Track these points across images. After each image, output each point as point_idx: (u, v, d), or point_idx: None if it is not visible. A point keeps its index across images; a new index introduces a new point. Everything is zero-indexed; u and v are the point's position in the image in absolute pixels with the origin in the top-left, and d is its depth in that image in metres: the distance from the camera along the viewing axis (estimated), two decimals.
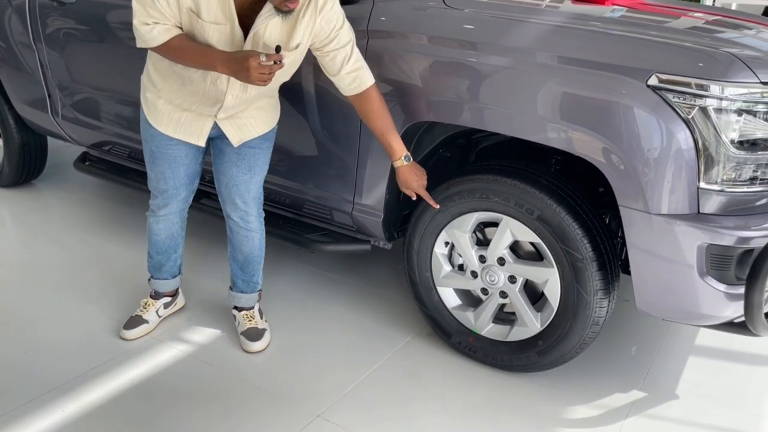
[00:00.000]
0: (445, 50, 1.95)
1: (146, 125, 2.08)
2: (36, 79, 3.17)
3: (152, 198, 2.23)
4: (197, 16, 1.76)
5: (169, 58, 1.85)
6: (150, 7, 1.74)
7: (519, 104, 1.84)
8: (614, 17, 2.02)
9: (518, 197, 1.93)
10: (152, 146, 2.09)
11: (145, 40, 1.81)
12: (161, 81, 1.98)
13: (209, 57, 1.76)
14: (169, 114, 2.02)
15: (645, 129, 1.68)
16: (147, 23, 1.76)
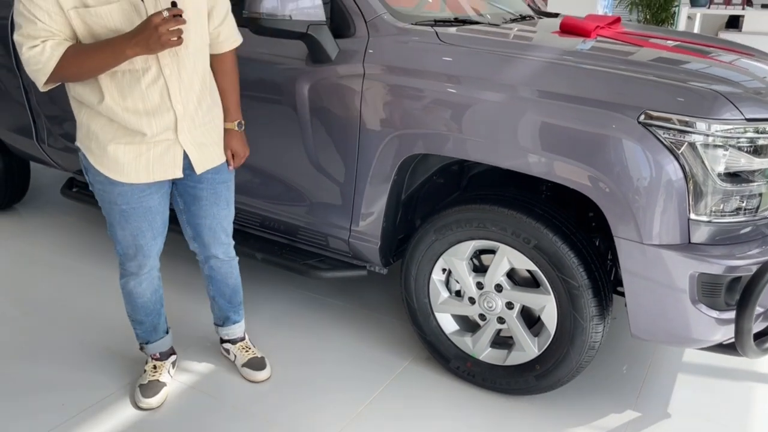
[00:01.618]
0: (438, 84, 2.01)
1: (108, 186, 1.84)
2: (20, 104, 3.13)
3: (127, 260, 2.02)
4: (85, 7, 1.61)
5: (73, 73, 1.66)
6: (32, 29, 1.60)
7: (512, 137, 1.90)
8: (603, 53, 2.10)
9: (515, 227, 1.99)
10: (122, 206, 1.88)
11: (42, 64, 1.62)
12: (97, 119, 1.77)
13: (113, 46, 1.61)
14: (133, 158, 1.80)
15: (637, 163, 1.75)
16: (35, 45, 1.61)
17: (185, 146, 1.87)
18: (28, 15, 1.60)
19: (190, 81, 1.81)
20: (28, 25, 1.60)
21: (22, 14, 1.61)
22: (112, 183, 1.84)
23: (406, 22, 2.20)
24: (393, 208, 2.26)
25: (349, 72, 2.15)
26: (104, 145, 1.79)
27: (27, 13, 1.60)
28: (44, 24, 1.60)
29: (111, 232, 1.98)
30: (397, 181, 2.19)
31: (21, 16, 1.62)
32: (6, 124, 3.27)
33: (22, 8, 1.60)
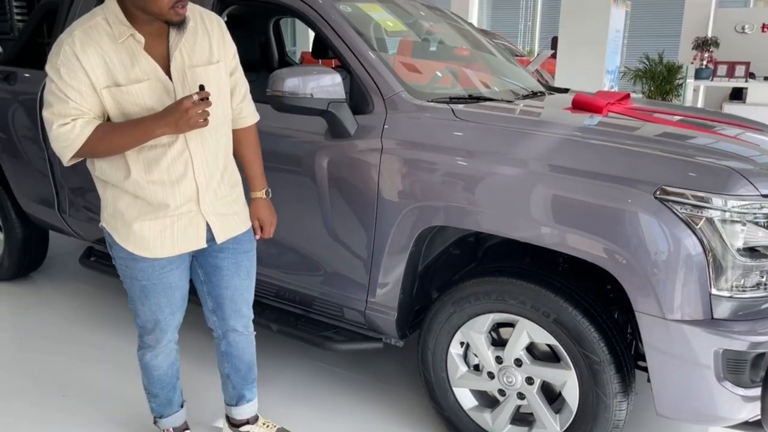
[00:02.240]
0: (454, 159, 2.06)
1: (130, 261, 1.87)
2: (44, 175, 3.21)
3: (146, 333, 2.03)
4: (117, 86, 1.67)
5: (100, 150, 1.71)
6: (63, 107, 1.65)
7: (529, 211, 1.93)
8: (616, 129, 2.15)
9: (534, 300, 1.98)
10: (143, 282, 1.89)
11: (71, 141, 1.66)
12: (122, 198, 1.81)
13: (143, 125, 1.67)
14: (158, 233, 1.83)
15: (655, 237, 1.77)
16: (66, 123, 1.65)
17: (207, 217, 1.89)
18: (59, 94, 1.65)
19: (213, 154, 1.86)
20: (58, 103, 1.65)
21: (53, 93, 1.66)
22: (134, 259, 1.86)
23: (422, 99, 2.28)
24: (410, 280, 2.27)
25: (368, 146, 2.21)
26: (130, 224, 1.81)
27: (58, 92, 1.65)
28: (75, 103, 1.65)
29: (132, 305, 1.99)
30: (414, 252, 2.21)
31: (52, 94, 1.67)
32: (29, 195, 3.34)
33: (54, 87, 1.66)
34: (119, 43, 1.68)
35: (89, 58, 1.64)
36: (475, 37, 3.36)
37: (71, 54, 1.63)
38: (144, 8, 1.65)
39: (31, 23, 3.39)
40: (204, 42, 1.80)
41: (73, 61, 1.63)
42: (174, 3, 1.64)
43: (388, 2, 3.00)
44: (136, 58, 1.69)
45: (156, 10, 1.64)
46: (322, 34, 2.41)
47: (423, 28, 3.19)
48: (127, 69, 1.68)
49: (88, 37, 1.66)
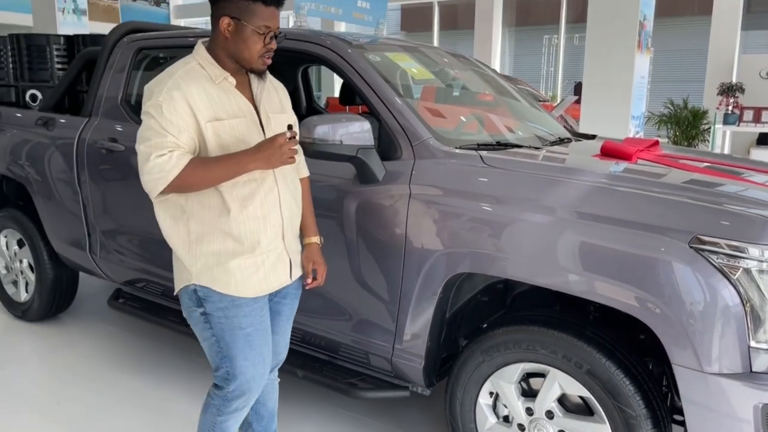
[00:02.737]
0: (482, 205, 2.06)
1: (232, 310, 1.82)
2: (77, 218, 3.28)
3: (238, 396, 1.90)
4: (219, 120, 1.76)
5: (191, 184, 1.73)
6: (161, 141, 1.70)
7: (561, 259, 1.91)
8: (647, 176, 2.14)
9: (566, 350, 1.94)
10: (248, 329, 1.85)
11: (166, 172, 1.69)
12: (216, 240, 1.80)
13: (236, 159, 1.73)
14: (254, 271, 1.84)
15: (690, 287, 1.73)
16: (162, 154, 1.69)
17: (290, 253, 1.95)
18: (158, 128, 1.71)
19: (293, 192, 1.95)
20: (156, 137, 1.70)
21: (151, 128, 1.71)
22: (237, 305, 1.83)
23: (450, 145, 2.30)
24: (437, 327, 2.24)
25: (396, 192, 2.22)
26: (228, 265, 1.81)
27: (158, 126, 1.71)
28: (173, 137, 1.71)
29: (228, 367, 1.87)
30: (442, 299, 2.19)
31: (150, 129, 1.72)
32: (62, 237, 3.40)
33: (153, 123, 1.71)
34: (216, 84, 1.79)
35: (193, 94, 1.74)
36: (499, 83, 3.40)
37: (175, 91, 1.72)
38: (236, 55, 1.79)
39: (71, 72, 3.52)
40: (273, 95, 1.95)
41: (176, 98, 1.71)
42: (263, 53, 1.79)
43: (414, 51, 3.06)
44: (233, 97, 1.81)
45: (247, 57, 1.78)
46: (352, 82, 2.46)
47: (449, 75, 3.24)
48: (225, 105, 1.79)
49: (189, 76, 1.77)
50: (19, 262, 3.71)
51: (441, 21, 15.17)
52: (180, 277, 1.90)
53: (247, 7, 1.74)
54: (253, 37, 1.76)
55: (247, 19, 1.74)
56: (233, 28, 1.76)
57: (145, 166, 1.72)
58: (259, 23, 1.75)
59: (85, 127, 3.19)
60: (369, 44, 2.77)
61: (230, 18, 1.75)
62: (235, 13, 1.75)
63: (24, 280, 3.72)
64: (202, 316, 1.86)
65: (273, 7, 1.77)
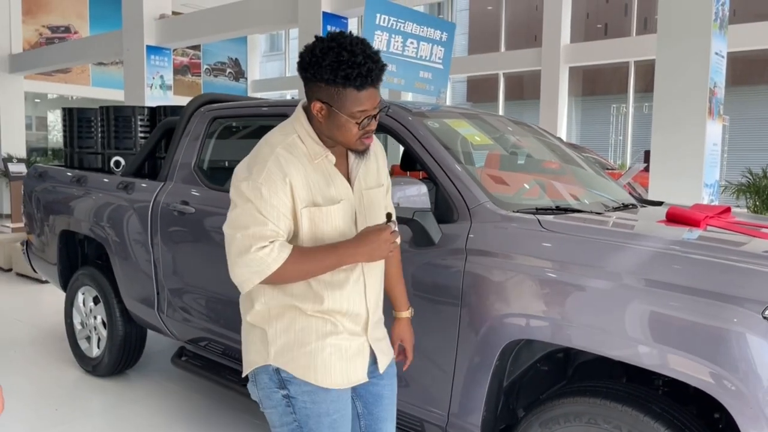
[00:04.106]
0: (540, 270, 2.01)
1: (320, 395, 1.68)
2: (148, 276, 3.43)
3: None
4: (315, 206, 1.62)
5: (291, 276, 1.60)
6: (261, 229, 1.55)
7: (624, 328, 1.82)
8: (716, 243, 2.05)
9: (631, 425, 1.83)
10: (334, 416, 1.69)
11: (266, 265, 1.55)
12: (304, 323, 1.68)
13: (338, 251, 1.60)
14: (338, 359, 1.69)
15: (765, 360, 1.61)
16: (264, 246, 1.55)
17: (372, 343, 1.77)
18: (257, 214, 1.56)
19: (377, 279, 1.80)
20: (256, 225, 1.55)
21: (249, 214, 1.56)
22: (325, 390, 1.68)
23: (508, 209, 2.28)
24: (494, 396, 2.17)
25: (452, 255, 2.22)
26: (312, 347, 1.67)
27: (256, 212, 1.56)
28: (273, 224, 1.56)
29: None
30: (499, 367, 2.12)
31: (248, 215, 1.57)
32: (133, 295, 3.56)
33: (251, 208, 1.56)
34: (315, 163, 1.64)
35: (294, 176, 1.59)
36: (562, 149, 3.38)
37: (277, 171, 1.57)
38: (332, 137, 1.63)
39: (152, 140, 3.77)
40: (373, 165, 1.79)
41: (277, 180, 1.57)
42: (361, 135, 1.62)
43: (474, 118, 3.11)
44: (331, 179, 1.66)
45: (344, 140, 1.63)
46: (411, 147, 2.52)
47: (509, 141, 3.26)
48: (323, 189, 1.64)
49: (291, 155, 1.61)
50: (94, 318, 3.89)
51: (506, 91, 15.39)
52: (254, 356, 1.72)
53: (339, 94, 1.55)
54: (347, 124, 1.58)
55: (339, 106, 1.56)
56: (326, 113, 1.60)
57: (241, 258, 1.56)
58: (354, 109, 1.57)
59: (160, 191, 3.39)
60: (429, 112, 2.84)
61: (321, 103, 1.59)
62: (325, 98, 1.58)
63: (96, 336, 3.89)
64: (284, 399, 1.69)
65: (369, 88, 1.57)
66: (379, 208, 1.79)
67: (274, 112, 3.06)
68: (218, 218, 3.04)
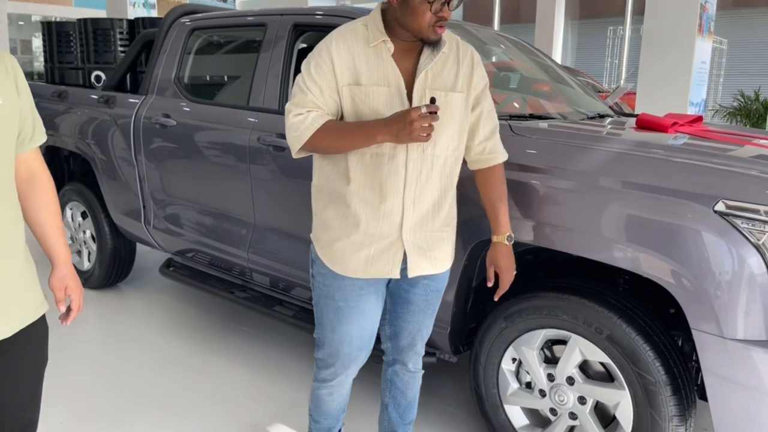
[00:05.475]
0: (509, 173, 2.07)
1: (330, 279, 1.81)
2: (133, 191, 3.49)
3: (324, 368, 1.92)
4: (358, 85, 1.69)
5: (324, 146, 1.70)
6: (302, 99, 1.69)
7: (585, 225, 1.91)
8: (678, 145, 2.10)
9: (587, 316, 1.94)
10: (339, 302, 1.81)
11: (301, 132, 1.67)
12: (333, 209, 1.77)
13: (366, 128, 1.64)
14: (355, 251, 1.76)
15: (715, 253, 1.70)
16: (300, 113, 1.69)
17: (407, 247, 1.76)
18: (302, 86, 1.70)
19: (430, 182, 1.75)
20: (300, 94, 1.70)
21: (298, 85, 1.72)
22: (334, 276, 1.80)
23: None
24: (463, 294, 2.27)
25: None
26: (332, 237, 1.78)
27: (303, 84, 1.70)
28: (313, 96, 1.68)
29: (319, 334, 1.90)
30: (468, 266, 2.22)
31: (297, 86, 1.72)
32: (120, 209, 3.63)
33: (300, 80, 1.72)
34: (371, 47, 1.70)
35: (340, 56, 1.69)
36: (548, 65, 3.37)
37: (325, 52, 1.69)
38: (405, 24, 1.66)
39: (131, 53, 3.73)
40: (452, 69, 1.76)
41: (324, 59, 1.69)
42: (435, 21, 1.63)
43: (460, 29, 3.07)
44: (383, 64, 1.70)
45: (416, 27, 1.64)
46: None
47: (492, 53, 3.24)
48: (371, 71, 1.69)
49: (344, 37, 1.71)
50: (83, 233, 3.97)
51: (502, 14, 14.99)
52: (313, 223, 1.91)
53: None
54: (421, 6, 1.61)
55: None
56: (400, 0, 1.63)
57: (287, 123, 1.72)
58: None
59: (141, 104, 3.39)
60: None
61: None
62: None
63: (87, 250, 3.98)
64: (312, 277, 1.88)
65: None
66: (447, 113, 1.73)
67: (255, 21, 3.03)
68: (201, 131, 3.06)
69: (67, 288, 1.59)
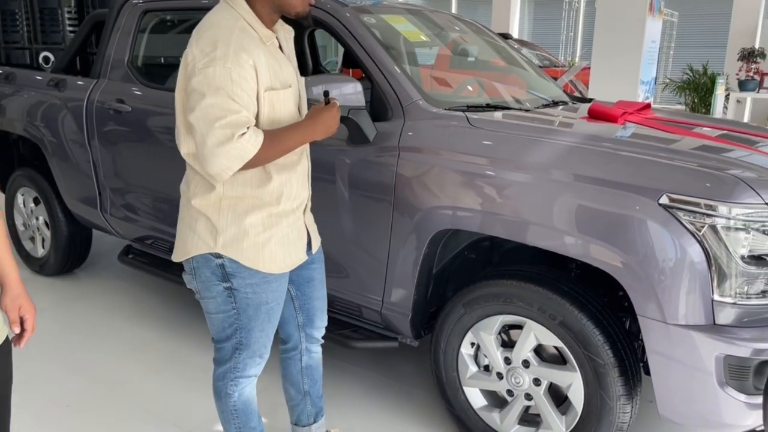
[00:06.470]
0: (465, 165, 2.13)
1: (262, 285, 1.76)
2: (88, 177, 3.42)
3: (254, 365, 1.88)
4: (273, 89, 1.63)
5: (263, 159, 1.61)
6: (237, 117, 1.54)
7: (539, 217, 1.98)
8: (627, 137, 2.19)
9: (541, 303, 2.03)
10: (272, 303, 1.81)
11: (247, 150, 1.55)
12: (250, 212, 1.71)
13: (302, 130, 1.66)
14: (283, 245, 1.77)
15: (658, 243, 1.80)
16: (244, 132, 1.54)
17: (308, 226, 1.90)
18: (232, 103, 1.53)
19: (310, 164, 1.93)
20: (231, 114, 1.53)
21: (224, 102, 1.53)
22: (267, 281, 1.77)
23: (440, 107, 2.36)
24: (424, 281, 2.34)
25: (386, 152, 2.30)
26: (261, 240, 1.73)
27: (231, 100, 1.53)
28: (247, 111, 1.56)
29: (242, 339, 1.82)
30: (429, 254, 2.28)
31: (222, 104, 1.53)
32: (74, 195, 3.55)
33: (224, 96, 1.53)
34: (267, 45, 1.64)
35: (257, 59, 1.57)
36: (503, 48, 3.42)
37: (242, 54, 1.54)
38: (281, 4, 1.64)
39: (80, 34, 3.61)
40: (292, 46, 1.83)
41: (244, 63, 1.54)
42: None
43: (417, 14, 3.09)
44: (280, 63, 1.67)
45: (292, 2, 1.64)
46: (346, 44, 2.52)
47: (448, 38, 3.27)
48: (277, 73, 1.64)
49: (248, 36, 1.59)
50: (36, 219, 3.87)
51: None
52: (194, 243, 1.72)
53: None
54: None
55: None
56: None
57: (222, 148, 1.53)
58: None
59: (94, 88, 3.30)
60: (369, 6, 2.81)
61: None
62: None
63: (41, 237, 3.89)
64: (226, 290, 1.75)
65: None
66: (304, 91, 1.83)
67: (209, 3, 2.96)
68: (157, 117, 3.01)
69: (21, 308, 1.48)
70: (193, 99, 1.56)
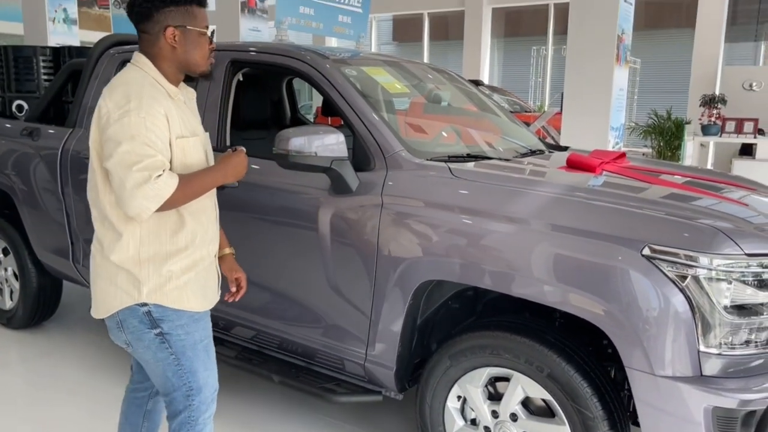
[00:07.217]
0: (450, 215, 2.14)
1: (192, 325, 1.83)
2: (61, 226, 3.33)
3: (209, 407, 1.90)
4: (183, 137, 1.76)
5: (177, 200, 1.71)
6: (153, 162, 1.65)
7: (519, 266, 1.99)
8: (606, 188, 2.23)
9: (528, 354, 2.02)
10: (205, 340, 1.89)
11: (162, 191, 1.65)
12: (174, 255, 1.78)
13: (212, 175, 1.80)
14: (202, 283, 1.86)
15: (641, 293, 1.81)
16: (160, 175, 1.65)
17: (216, 265, 1.99)
18: (147, 148, 1.64)
19: None
20: (148, 158, 1.64)
21: (140, 148, 1.64)
22: (196, 320, 1.84)
23: (422, 158, 2.38)
24: (409, 333, 2.31)
25: (369, 202, 2.30)
26: (184, 281, 1.80)
27: (146, 146, 1.64)
28: (162, 155, 1.68)
29: (192, 384, 1.85)
30: (413, 305, 2.26)
31: (138, 150, 1.63)
32: (46, 245, 3.45)
33: (140, 142, 1.64)
34: (174, 100, 1.80)
35: (167, 109, 1.72)
36: (478, 96, 3.49)
37: (154, 104, 1.69)
38: (186, 62, 1.80)
39: (56, 83, 3.58)
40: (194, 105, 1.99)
41: (156, 112, 1.68)
42: (209, 53, 1.84)
43: (394, 65, 3.14)
44: (186, 114, 1.83)
45: (198, 60, 1.81)
46: (327, 95, 2.54)
47: (425, 88, 3.33)
48: (185, 122, 1.80)
49: (157, 91, 1.75)
50: (4, 270, 3.75)
51: (431, 32, 15.33)
52: (117, 297, 1.77)
53: (189, 12, 1.77)
54: (200, 39, 1.79)
55: (191, 23, 1.77)
56: (179, 36, 1.77)
57: (140, 190, 1.63)
58: (202, 25, 1.80)
59: (69, 137, 3.25)
60: (348, 59, 2.85)
61: (174, 27, 1.76)
62: (178, 21, 1.76)
63: (9, 288, 3.76)
64: (158, 336, 1.79)
65: (204, 8, 1.84)
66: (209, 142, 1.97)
67: None
68: None
69: None
70: (109, 147, 1.68)
